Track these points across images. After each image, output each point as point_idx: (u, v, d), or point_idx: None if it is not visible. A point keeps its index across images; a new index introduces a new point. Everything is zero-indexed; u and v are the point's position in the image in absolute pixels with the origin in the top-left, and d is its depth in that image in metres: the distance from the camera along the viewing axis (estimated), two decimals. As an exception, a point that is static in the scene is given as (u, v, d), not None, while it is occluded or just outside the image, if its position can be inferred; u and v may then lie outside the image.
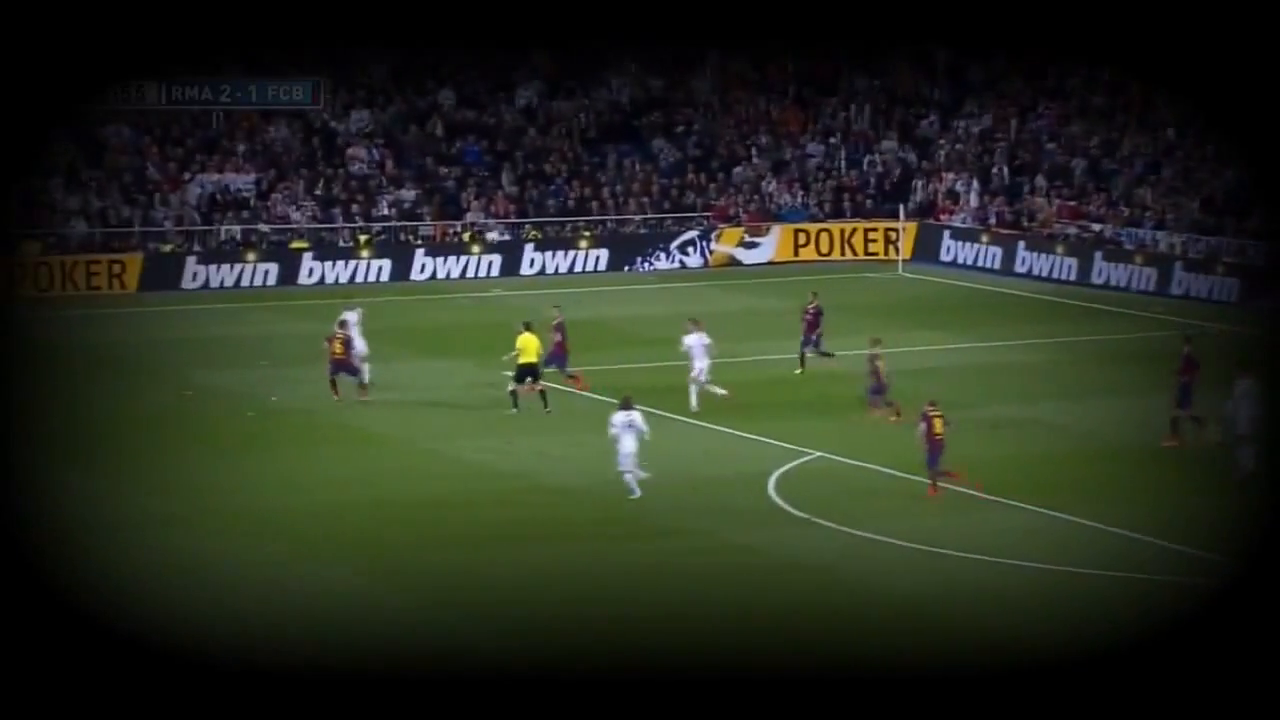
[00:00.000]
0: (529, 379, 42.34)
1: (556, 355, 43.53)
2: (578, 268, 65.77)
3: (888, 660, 27.78)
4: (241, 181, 66.35)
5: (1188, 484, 37.38)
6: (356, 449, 40.40)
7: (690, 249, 67.21)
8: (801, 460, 39.10)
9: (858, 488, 37.40)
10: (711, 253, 67.35)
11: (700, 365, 42.90)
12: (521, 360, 42.41)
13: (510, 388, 42.59)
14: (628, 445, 35.56)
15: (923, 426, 36.54)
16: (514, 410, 42.26)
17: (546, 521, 34.84)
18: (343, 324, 44.55)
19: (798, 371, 47.21)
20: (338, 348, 43.80)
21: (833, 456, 39.30)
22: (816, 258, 67.88)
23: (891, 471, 38.11)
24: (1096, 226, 65.17)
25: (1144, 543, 33.58)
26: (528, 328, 42.85)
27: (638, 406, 36.09)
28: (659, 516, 35.16)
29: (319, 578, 31.45)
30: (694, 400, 42.71)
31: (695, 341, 43.10)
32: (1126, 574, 31.87)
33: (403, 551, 33.11)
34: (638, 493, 35.82)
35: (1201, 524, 34.52)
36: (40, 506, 34.16)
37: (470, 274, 64.74)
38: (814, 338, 47.31)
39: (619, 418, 35.80)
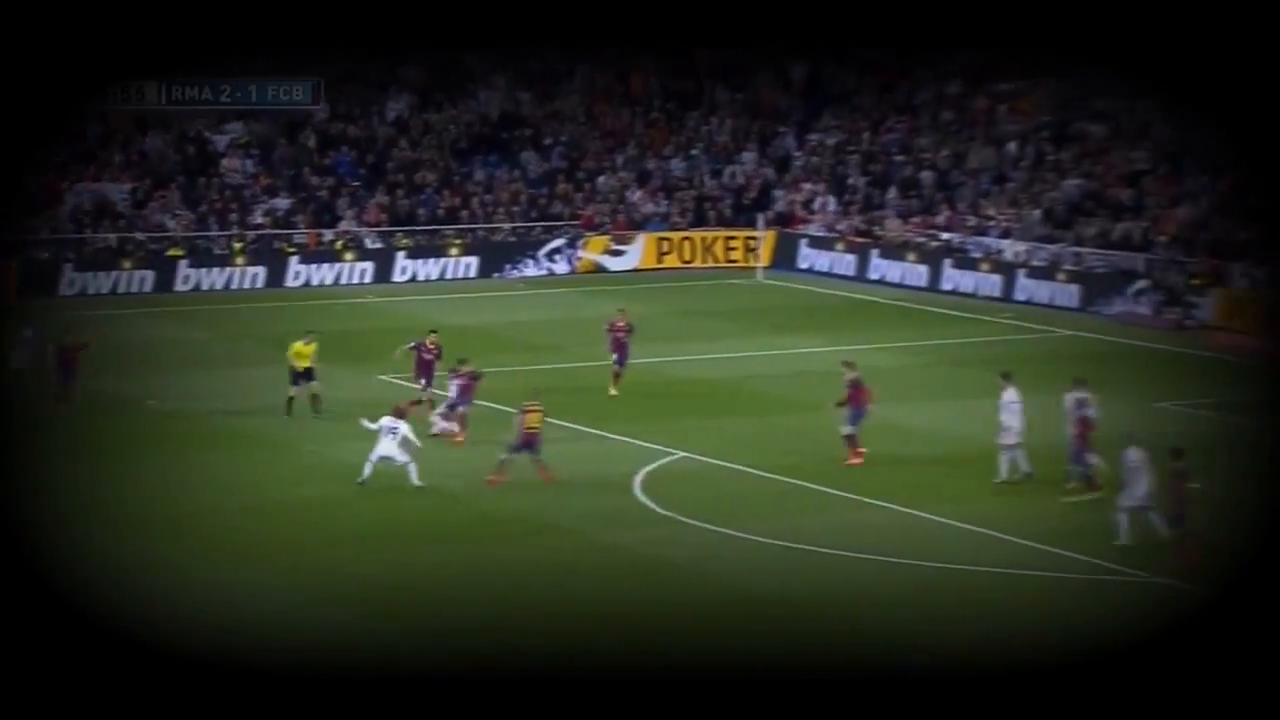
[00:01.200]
0: (304, 382, 43.81)
1: (424, 372, 44.07)
2: (449, 274, 67.16)
3: (756, 657, 28.35)
4: (117, 191, 67.27)
5: (1035, 482, 38.21)
6: (238, 453, 41.18)
7: (558, 256, 68.60)
8: (666, 460, 40.14)
9: (722, 487, 38.36)
10: (578, 260, 68.84)
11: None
12: (297, 365, 43.88)
13: (290, 393, 43.91)
14: (382, 447, 37.76)
15: (520, 419, 38.15)
16: (288, 416, 43.67)
17: (424, 522, 35.78)
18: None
19: (613, 393, 46.14)
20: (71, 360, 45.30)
21: (696, 456, 40.20)
22: (679, 265, 69.46)
23: (755, 471, 39.22)
24: (945, 235, 67.41)
25: (1000, 539, 34.57)
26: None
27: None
28: (530, 516, 36.04)
29: (220, 578, 32.37)
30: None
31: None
32: (987, 569, 32.89)
33: (292, 550, 34.04)
34: (364, 478, 37.65)
35: (1053, 520, 35.61)
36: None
37: (344, 281, 65.82)
38: (622, 356, 46.38)
39: (384, 421, 37.94)
